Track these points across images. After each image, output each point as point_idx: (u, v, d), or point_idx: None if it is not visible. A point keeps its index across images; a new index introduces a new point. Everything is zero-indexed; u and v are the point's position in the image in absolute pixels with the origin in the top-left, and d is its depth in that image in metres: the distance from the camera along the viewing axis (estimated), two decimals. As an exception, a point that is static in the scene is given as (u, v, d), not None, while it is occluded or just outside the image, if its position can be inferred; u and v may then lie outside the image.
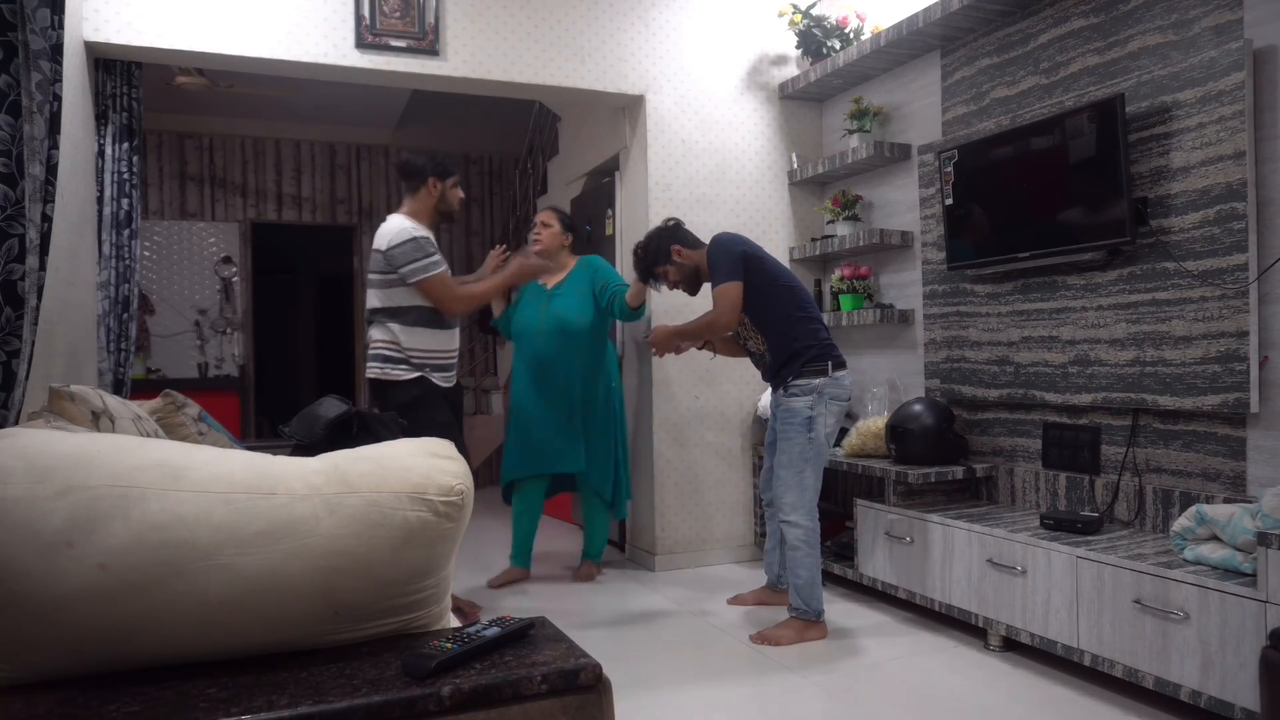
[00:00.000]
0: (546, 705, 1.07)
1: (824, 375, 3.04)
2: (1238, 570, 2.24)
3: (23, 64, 1.71)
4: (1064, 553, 2.61)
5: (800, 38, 4.13)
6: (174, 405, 2.20)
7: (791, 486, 3.02)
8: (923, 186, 3.66)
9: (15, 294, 1.70)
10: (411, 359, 3.22)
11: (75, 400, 1.64)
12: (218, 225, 6.96)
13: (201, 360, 6.79)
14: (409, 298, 3.20)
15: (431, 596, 1.20)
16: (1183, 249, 2.65)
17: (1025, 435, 3.26)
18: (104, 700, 0.99)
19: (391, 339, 3.22)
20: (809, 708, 2.49)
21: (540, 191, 6.41)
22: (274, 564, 1.07)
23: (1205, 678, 2.21)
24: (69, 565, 1.00)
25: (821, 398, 3.03)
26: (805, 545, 3.01)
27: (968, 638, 3.00)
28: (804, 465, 3.02)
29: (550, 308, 3.78)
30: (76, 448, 1.07)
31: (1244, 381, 2.48)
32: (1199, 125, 2.59)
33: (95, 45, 3.29)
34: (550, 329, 3.76)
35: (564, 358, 3.75)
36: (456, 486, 1.16)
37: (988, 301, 3.35)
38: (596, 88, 3.98)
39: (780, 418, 3.11)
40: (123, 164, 3.49)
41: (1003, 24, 3.31)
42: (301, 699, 0.99)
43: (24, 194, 1.71)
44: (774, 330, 3.11)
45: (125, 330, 3.52)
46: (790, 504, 3.03)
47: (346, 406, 3.33)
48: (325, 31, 3.54)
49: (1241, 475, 2.54)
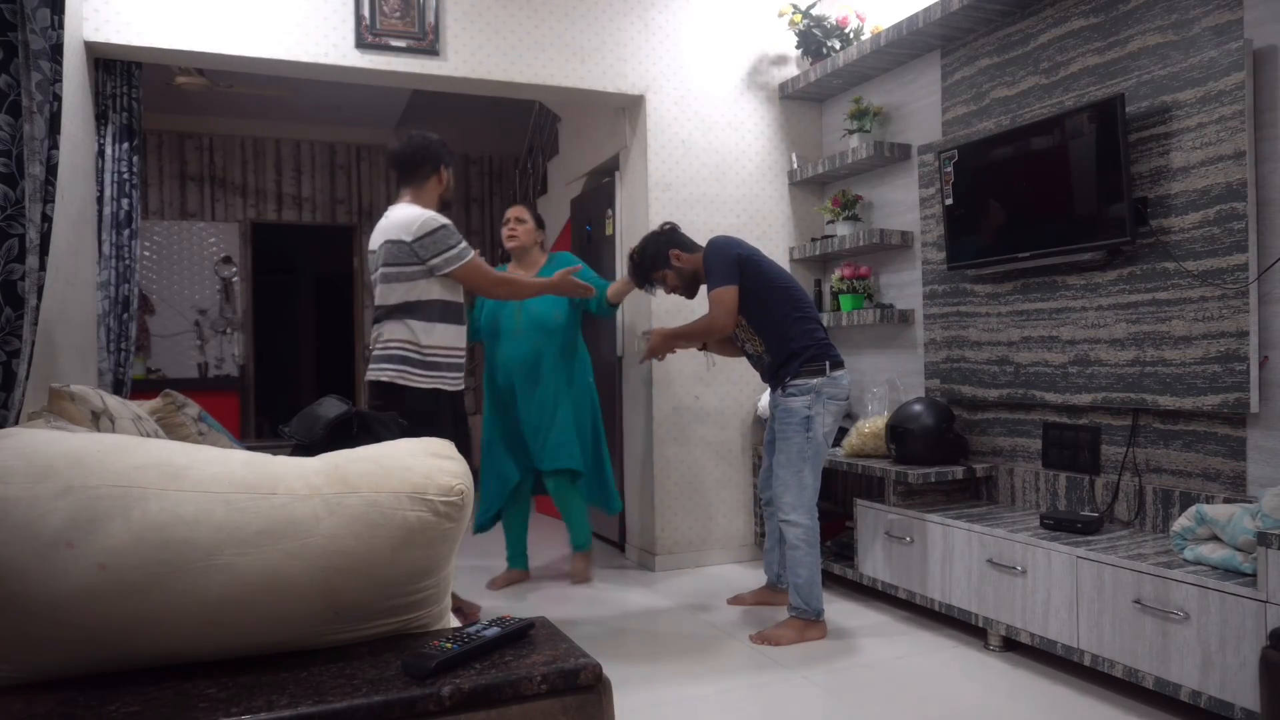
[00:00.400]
0: (546, 705, 1.07)
1: (821, 375, 3.04)
2: (1238, 570, 2.25)
3: (23, 64, 1.71)
4: (1064, 553, 2.61)
5: (800, 38, 4.13)
6: (174, 405, 2.20)
7: (790, 486, 3.03)
8: (923, 186, 3.66)
9: (15, 294, 1.70)
10: (429, 359, 3.01)
11: (75, 400, 1.64)
12: (218, 225, 6.96)
13: (201, 360, 6.79)
14: (431, 291, 3.00)
15: (431, 596, 1.20)
16: (1183, 249, 2.65)
17: (1025, 435, 3.26)
18: (104, 700, 0.99)
19: (409, 338, 2.99)
20: (809, 707, 2.49)
21: (540, 191, 6.41)
22: (274, 564, 1.07)
23: (1205, 678, 2.21)
24: (69, 565, 1.00)
25: (819, 397, 3.03)
26: (805, 544, 3.01)
27: (967, 638, 3.00)
28: (802, 464, 3.02)
29: (526, 306, 3.69)
30: (77, 448, 1.07)
31: (1244, 381, 2.48)
32: (1199, 125, 2.59)
33: (95, 45, 3.29)
34: (528, 327, 3.69)
35: (546, 355, 3.70)
36: (456, 486, 1.16)
37: (988, 301, 3.35)
38: (596, 88, 3.98)
39: (778, 418, 3.12)
40: (123, 164, 3.49)
41: (1003, 24, 3.31)
42: (301, 699, 0.99)
43: (24, 194, 1.71)
44: (771, 331, 3.11)
45: (125, 330, 3.52)
46: (790, 503, 3.03)
47: (346, 406, 3.33)
48: (325, 31, 3.54)
49: (1241, 475, 2.54)
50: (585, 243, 4.87)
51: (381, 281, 3.05)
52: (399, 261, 2.99)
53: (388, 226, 3.04)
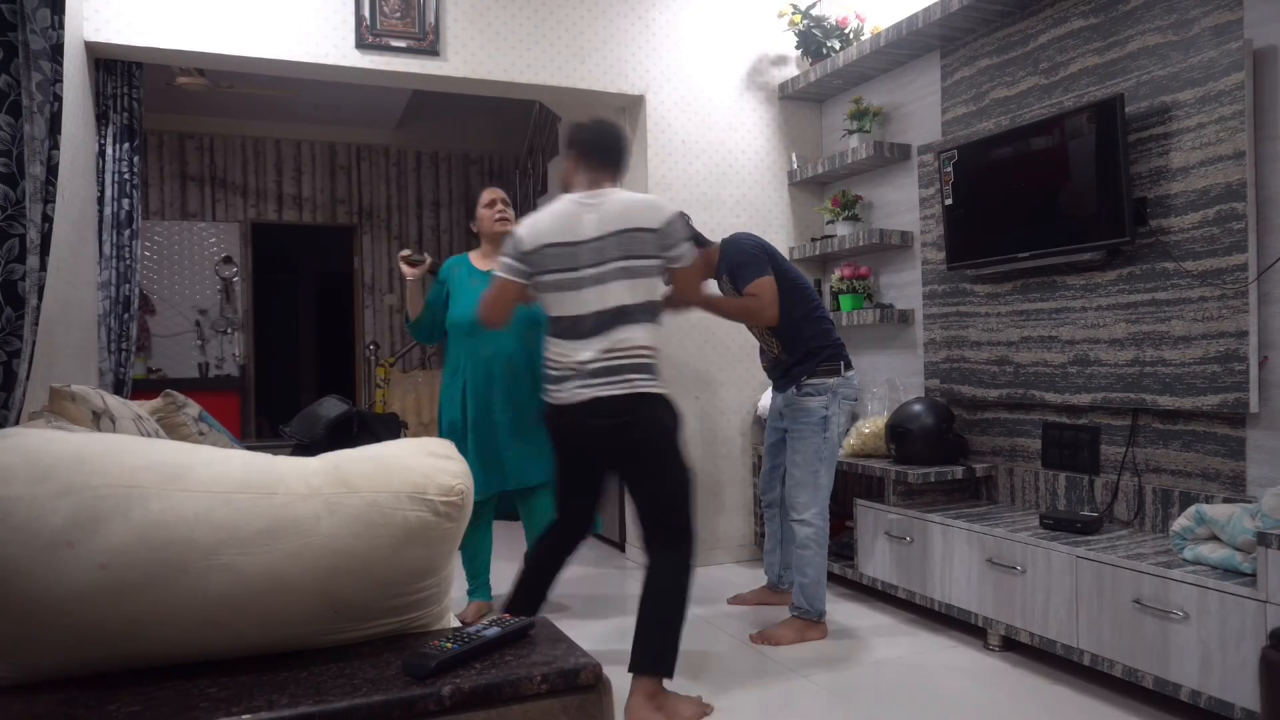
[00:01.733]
0: (546, 705, 1.08)
1: (837, 375, 3.04)
2: (1237, 570, 2.25)
3: (23, 64, 1.71)
4: (1063, 552, 2.61)
5: (800, 38, 4.13)
6: (174, 405, 2.20)
7: (806, 486, 3.02)
8: (922, 187, 3.66)
9: (16, 294, 1.70)
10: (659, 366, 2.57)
11: (76, 400, 1.64)
12: (218, 225, 6.96)
13: (202, 360, 6.80)
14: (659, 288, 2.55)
15: (431, 596, 1.21)
16: (1182, 249, 2.65)
17: (1025, 435, 3.26)
18: (104, 700, 0.99)
19: (649, 342, 2.48)
20: (809, 707, 2.49)
21: (541, 191, 6.41)
22: (274, 564, 1.07)
23: (1205, 678, 2.21)
24: (70, 565, 1.00)
25: (835, 397, 3.03)
26: (815, 545, 3.01)
27: (967, 637, 3.00)
28: (819, 465, 3.01)
29: None
30: (77, 447, 1.07)
31: (1243, 381, 2.48)
32: (1199, 125, 2.59)
33: (96, 45, 3.29)
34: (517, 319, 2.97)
35: (532, 354, 3.11)
36: (456, 486, 1.16)
37: (987, 301, 3.36)
38: (596, 88, 3.98)
39: (793, 417, 3.08)
40: (123, 164, 3.50)
41: (1002, 24, 3.31)
42: (302, 698, 0.99)
43: (24, 194, 1.72)
44: (789, 329, 3.07)
45: (126, 330, 3.52)
46: (804, 503, 3.02)
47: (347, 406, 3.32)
48: (325, 31, 3.54)
49: (1241, 475, 2.54)
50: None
51: (615, 278, 2.46)
52: (643, 254, 2.46)
53: (620, 212, 2.48)
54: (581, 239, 2.45)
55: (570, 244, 2.45)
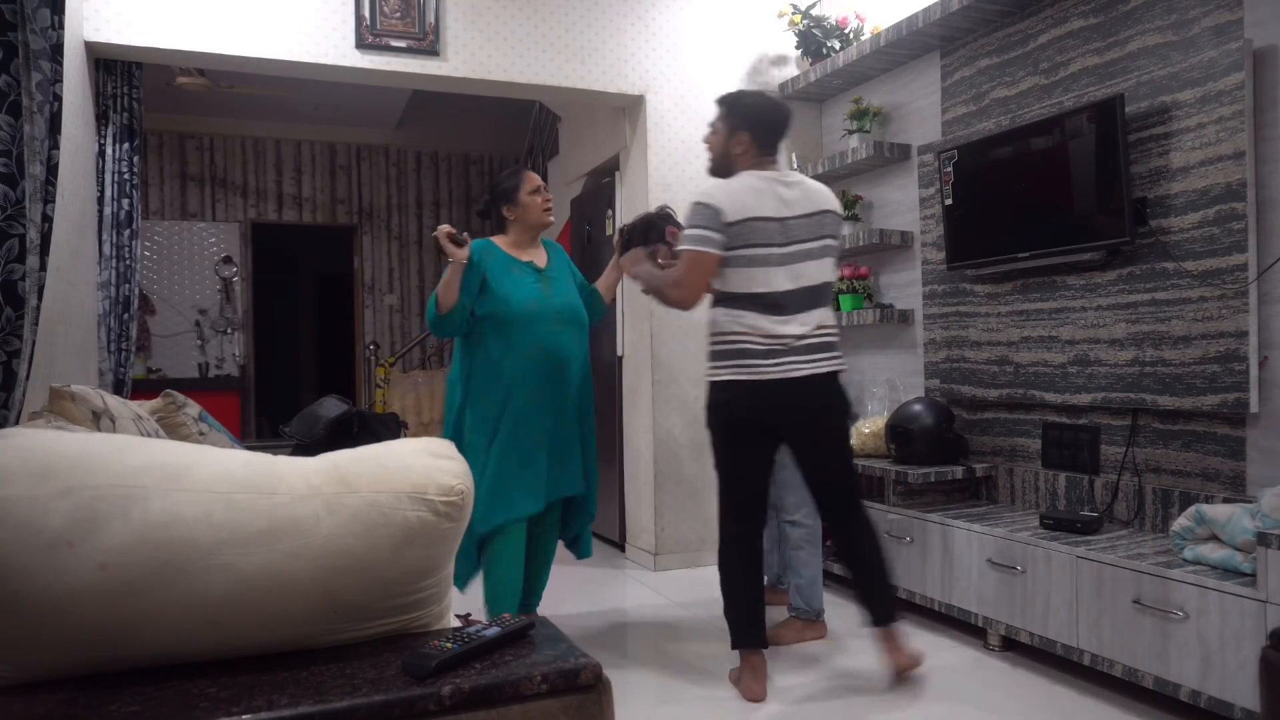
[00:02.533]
0: (546, 705, 1.07)
1: None
2: (1237, 570, 2.25)
3: (23, 64, 1.71)
4: (1063, 552, 2.61)
5: (800, 38, 4.13)
6: (174, 405, 2.20)
7: (795, 486, 3.02)
8: (922, 186, 3.66)
9: (16, 294, 1.70)
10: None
11: (76, 400, 1.64)
12: (218, 225, 6.97)
13: (202, 360, 6.80)
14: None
15: (432, 596, 1.21)
16: (1182, 249, 2.65)
17: (1025, 435, 3.26)
18: (104, 700, 0.99)
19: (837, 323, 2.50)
20: (809, 707, 2.49)
21: (540, 191, 6.40)
22: (275, 563, 1.07)
23: (1205, 677, 2.21)
24: (70, 565, 1.00)
25: None
26: (808, 544, 3.02)
27: (967, 637, 3.00)
28: None
29: (556, 290, 2.90)
30: (77, 447, 1.07)
31: (1243, 381, 2.48)
32: (1199, 125, 2.59)
33: (95, 45, 3.29)
34: (565, 315, 2.87)
35: (579, 354, 2.92)
36: (456, 486, 1.16)
37: (987, 301, 3.36)
38: (596, 88, 3.98)
39: None
40: (123, 164, 3.50)
41: (1002, 24, 3.31)
42: (302, 699, 0.99)
43: (24, 194, 1.72)
44: None
45: (126, 330, 3.52)
46: (794, 504, 3.03)
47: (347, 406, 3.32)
48: (325, 32, 3.54)
49: (1241, 475, 2.54)
50: (585, 243, 4.87)
51: (819, 255, 2.51)
52: (836, 234, 2.56)
53: (817, 192, 2.54)
54: (789, 215, 2.46)
55: (776, 220, 2.44)
